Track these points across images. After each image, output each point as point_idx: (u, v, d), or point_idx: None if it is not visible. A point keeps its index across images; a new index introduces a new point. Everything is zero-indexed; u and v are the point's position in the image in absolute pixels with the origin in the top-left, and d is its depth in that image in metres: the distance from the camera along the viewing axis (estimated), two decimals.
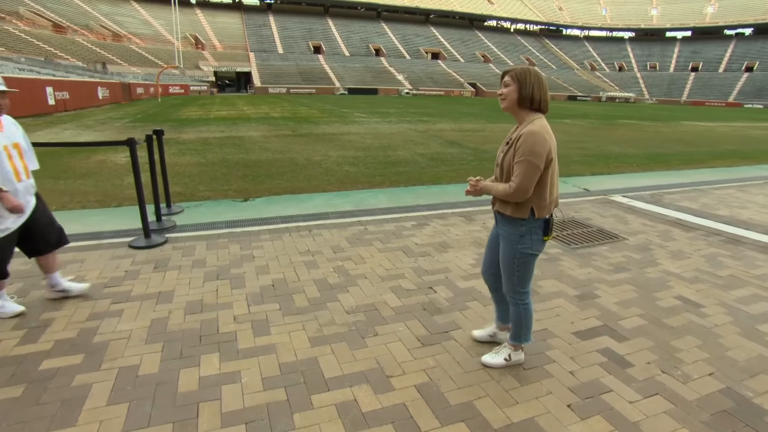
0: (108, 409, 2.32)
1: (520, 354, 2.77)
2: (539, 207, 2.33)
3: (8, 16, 50.01)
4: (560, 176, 8.67)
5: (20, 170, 3.10)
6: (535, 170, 2.24)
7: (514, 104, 2.36)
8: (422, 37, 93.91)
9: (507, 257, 2.50)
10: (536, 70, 2.36)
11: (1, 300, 3.22)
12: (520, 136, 2.27)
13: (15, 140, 3.10)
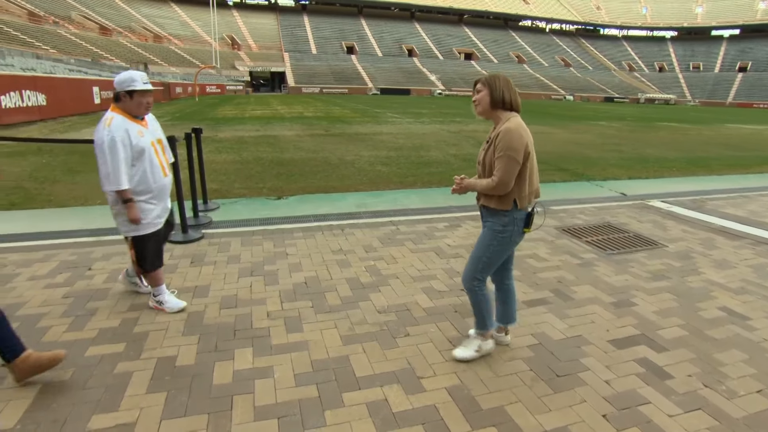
0: (147, 397, 2.40)
1: (489, 342, 2.83)
2: (521, 198, 2.50)
3: (61, 21, 52.46)
4: (595, 180, 8.46)
5: (165, 166, 3.18)
6: (514, 164, 2.41)
7: (488, 107, 2.52)
8: (455, 37, 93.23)
9: (484, 243, 2.64)
10: (504, 75, 2.55)
11: (166, 295, 3.30)
12: (499, 134, 2.43)
13: (158, 136, 3.18)
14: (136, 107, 2.98)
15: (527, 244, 4.79)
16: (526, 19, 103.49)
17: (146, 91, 2.96)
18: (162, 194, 3.16)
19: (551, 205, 6.38)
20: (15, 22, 43.65)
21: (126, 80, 2.93)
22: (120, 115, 2.95)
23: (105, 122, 2.90)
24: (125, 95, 2.94)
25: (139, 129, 3.00)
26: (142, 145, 2.97)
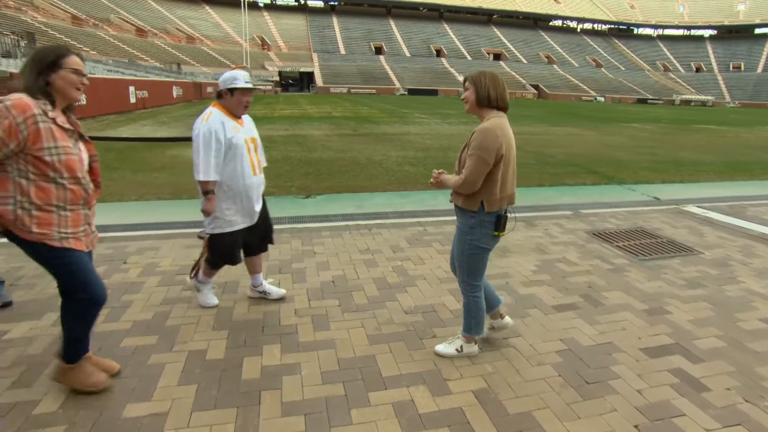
0: (179, 389, 2.46)
1: (473, 346, 2.80)
2: (489, 201, 2.45)
3: (101, 23, 54.39)
4: (626, 183, 8.24)
5: (255, 164, 3.16)
6: (483, 164, 2.36)
7: (474, 105, 2.51)
8: (484, 37, 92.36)
9: (459, 248, 2.65)
10: (492, 72, 2.51)
11: (206, 288, 3.35)
12: (475, 132, 2.41)
13: (252, 135, 3.18)
14: (236, 105, 2.99)
15: (557, 248, 4.70)
16: (557, 19, 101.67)
17: (247, 89, 2.97)
18: (248, 193, 3.11)
19: (581, 209, 6.26)
20: (59, 25, 45.51)
21: (229, 78, 2.95)
22: (219, 111, 2.98)
23: (204, 116, 2.94)
24: (227, 93, 2.96)
25: (235, 125, 3.01)
26: (236, 141, 2.97)
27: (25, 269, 3.89)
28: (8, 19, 38.16)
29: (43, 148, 2.05)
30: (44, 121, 2.04)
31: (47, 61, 2.08)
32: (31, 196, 2.07)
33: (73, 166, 2.16)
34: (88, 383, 2.41)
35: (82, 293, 2.27)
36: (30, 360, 2.67)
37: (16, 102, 1.97)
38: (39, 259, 2.21)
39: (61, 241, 2.16)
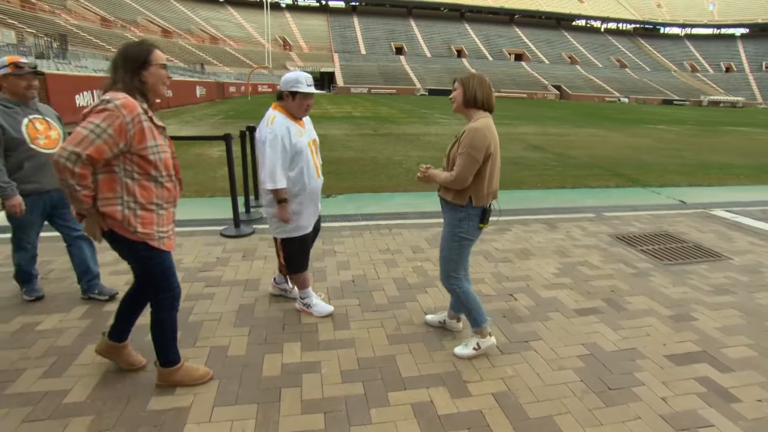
0: (201, 384, 2.49)
1: (489, 339, 2.82)
2: (477, 196, 2.57)
3: (128, 25, 55.69)
4: (651, 186, 8.07)
5: (319, 167, 3.13)
6: (473, 162, 2.48)
7: (461, 105, 2.61)
8: (506, 38, 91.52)
9: (446, 240, 2.74)
10: (480, 75, 2.60)
11: (314, 298, 3.29)
12: (464, 131, 2.52)
13: (313, 137, 3.12)
14: (297, 108, 2.93)
15: (579, 251, 4.63)
16: (580, 19, 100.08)
17: (309, 93, 2.92)
18: (314, 196, 3.10)
19: (604, 212, 6.14)
20: (89, 27, 46.75)
21: (291, 81, 2.88)
22: (282, 114, 2.92)
23: (268, 120, 2.89)
24: (288, 95, 2.90)
25: (298, 129, 2.95)
26: (301, 146, 2.92)
27: (55, 263, 4.01)
28: (43, 21, 39.39)
29: (147, 147, 2.09)
30: (146, 120, 2.09)
31: (140, 60, 2.11)
32: (137, 196, 2.13)
33: (168, 164, 2.22)
34: (196, 376, 2.50)
35: (168, 292, 2.36)
36: (60, 351, 2.75)
37: (124, 101, 2.01)
38: (135, 259, 2.26)
39: (159, 240, 2.22)
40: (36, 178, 3.03)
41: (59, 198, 3.18)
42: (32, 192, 3.04)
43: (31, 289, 3.38)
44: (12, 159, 2.95)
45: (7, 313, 3.14)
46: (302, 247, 3.17)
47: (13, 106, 2.95)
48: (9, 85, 2.94)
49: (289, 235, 3.09)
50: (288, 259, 3.17)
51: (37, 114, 3.06)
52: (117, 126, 1.98)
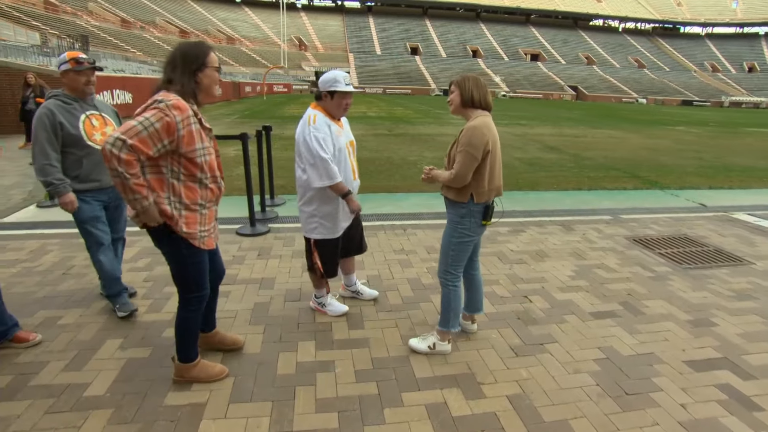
0: (217, 380, 2.51)
1: (447, 345, 2.84)
2: (478, 193, 2.60)
3: (147, 26, 56.58)
4: (670, 188, 7.93)
5: (355, 168, 3.09)
6: (472, 159, 2.51)
7: (459, 106, 2.64)
8: (522, 38, 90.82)
9: (447, 236, 2.77)
10: (475, 76, 2.65)
11: (329, 297, 3.29)
12: (463, 130, 2.56)
13: (351, 138, 3.09)
14: (335, 108, 2.90)
15: (595, 253, 4.57)
16: (598, 19, 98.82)
17: (347, 92, 2.88)
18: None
19: (621, 214, 6.06)
20: (110, 28, 47.61)
21: (329, 80, 2.85)
22: (321, 113, 2.90)
23: (308, 120, 2.85)
24: (326, 95, 2.87)
25: (338, 129, 2.94)
26: (340, 145, 2.91)
27: (76, 260, 4.09)
28: (65, 23, 40.23)
29: (195, 150, 2.13)
30: (195, 123, 2.13)
31: (199, 62, 2.15)
32: (182, 197, 2.18)
33: (213, 165, 2.26)
34: (212, 373, 2.53)
35: (199, 292, 2.40)
36: (81, 345, 2.81)
37: (175, 102, 2.05)
38: (174, 256, 2.29)
39: (201, 240, 2.27)
40: (95, 175, 3.00)
41: (114, 197, 3.16)
42: (93, 189, 3.02)
43: (123, 302, 3.20)
44: (71, 156, 2.92)
45: (30, 308, 3.21)
46: (335, 249, 3.13)
47: (71, 102, 2.93)
48: (68, 80, 2.91)
49: (323, 237, 3.04)
50: (323, 262, 3.11)
51: (94, 110, 3.03)
52: (165, 123, 2.02)
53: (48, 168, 2.81)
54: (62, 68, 2.89)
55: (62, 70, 2.90)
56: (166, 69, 2.16)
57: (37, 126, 2.81)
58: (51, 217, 5.40)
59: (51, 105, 2.85)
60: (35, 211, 5.72)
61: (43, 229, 4.89)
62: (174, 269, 2.34)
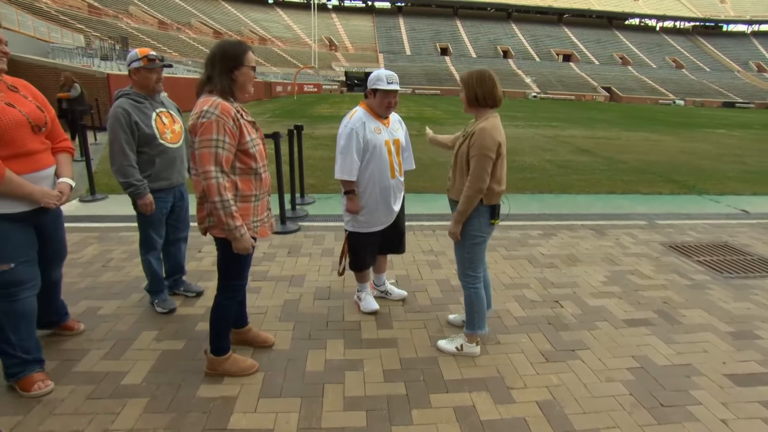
0: (247, 375, 2.56)
1: (475, 348, 2.81)
2: (487, 195, 2.60)
3: (183, 27, 58.17)
4: (709, 194, 7.65)
5: (396, 167, 3.07)
6: (488, 161, 2.52)
7: (466, 105, 2.64)
8: (554, 38, 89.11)
9: (459, 241, 2.74)
10: (481, 71, 2.58)
11: (365, 293, 3.34)
12: (474, 133, 2.55)
13: (396, 137, 3.09)
14: (379, 105, 2.95)
15: (628, 259, 4.45)
16: (634, 17, 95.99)
17: (390, 91, 2.91)
18: (385, 196, 3.05)
19: (656, 219, 5.87)
20: (148, 30, 49.17)
21: (373, 79, 2.92)
22: (364, 110, 2.99)
23: (349, 115, 2.98)
24: (371, 93, 2.94)
25: (377, 126, 2.98)
26: (375, 142, 2.93)
27: (114, 252, 4.24)
28: (107, 25, 41.75)
29: (247, 142, 2.23)
30: (240, 117, 2.22)
31: (237, 60, 2.22)
32: (238, 188, 2.27)
33: (263, 154, 2.36)
34: (243, 367, 2.58)
35: (238, 280, 2.47)
36: (119, 335, 2.91)
37: (221, 107, 2.12)
38: (221, 243, 2.35)
39: (254, 230, 2.34)
40: (166, 174, 3.02)
41: (180, 195, 3.23)
42: (163, 188, 3.03)
43: (163, 299, 3.26)
44: (144, 155, 2.91)
45: (74, 297, 3.34)
46: (366, 244, 3.17)
47: (142, 101, 2.91)
48: (140, 78, 2.89)
49: (354, 230, 3.13)
50: (350, 252, 3.21)
51: (162, 107, 3.04)
52: (228, 131, 2.13)
53: (129, 169, 2.81)
54: (133, 66, 2.86)
55: (133, 68, 2.87)
56: (207, 66, 2.24)
57: (114, 126, 2.78)
58: (91, 212, 5.62)
59: (125, 104, 2.82)
60: (78, 205, 5.96)
61: (84, 223, 5.09)
62: (220, 255, 2.41)
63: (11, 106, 2.16)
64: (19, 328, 2.32)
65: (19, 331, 2.32)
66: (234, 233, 2.19)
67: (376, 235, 3.16)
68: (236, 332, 2.79)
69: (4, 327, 2.29)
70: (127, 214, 4.44)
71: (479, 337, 2.84)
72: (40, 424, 2.16)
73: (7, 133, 2.11)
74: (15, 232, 2.24)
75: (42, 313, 2.54)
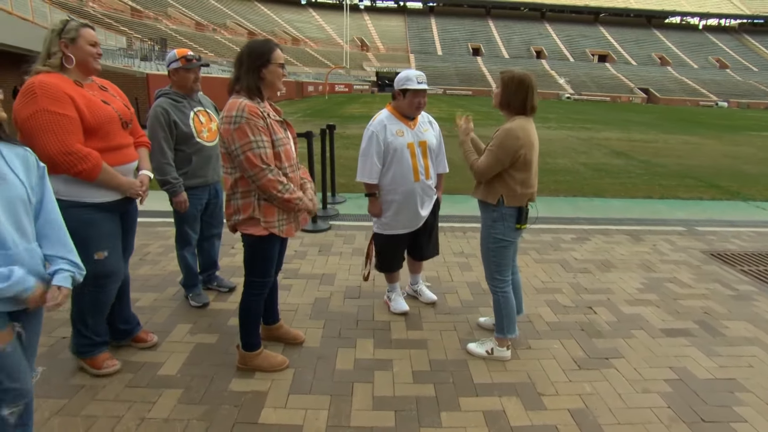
0: (278, 371, 2.59)
1: (505, 352, 2.76)
2: (508, 197, 2.55)
3: (218, 28, 59.63)
4: (755, 200, 7.32)
5: (421, 170, 2.99)
6: (497, 162, 2.49)
7: (498, 105, 2.60)
8: (590, 38, 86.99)
9: (483, 242, 2.74)
10: (521, 77, 2.50)
11: (395, 294, 3.31)
12: (499, 129, 2.53)
13: (423, 138, 3.01)
14: (408, 106, 2.90)
15: (666, 266, 4.29)
16: (674, 16, 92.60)
17: (420, 90, 2.86)
18: (408, 200, 2.99)
19: (696, 225, 5.64)
20: (186, 31, 50.64)
21: (402, 79, 2.87)
22: (388, 113, 2.98)
23: (374, 117, 3.00)
24: (399, 94, 2.89)
25: (400, 128, 2.94)
26: (396, 145, 2.90)
27: (151, 247, 4.37)
28: (147, 27, 43.22)
29: (273, 140, 2.26)
30: (267, 116, 2.26)
31: (264, 58, 2.25)
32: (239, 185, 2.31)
33: (290, 155, 2.38)
34: (274, 363, 2.62)
35: (264, 277, 2.52)
36: (155, 327, 2.99)
37: (249, 109, 2.17)
38: (247, 240, 2.41)
39: (280, 228, 2.38)
40: (202, 171, 3.08)
41: (215, 192, 3.30)
42: (199, 185, 3.10)
43: (197, 294, 3.34)
44: (182, 154, 2.97)
45: None
46: (391, 246, 3.16)
47: (181, 100, 2.97)
48: (179, 78, 2.95)
49: (379, 231, 3.14)
50: (376, 254, 3.23)
51: (199, 106, 3.09)
52: (261, 130, 2.18)
53: (166, 167, 2.88)
54: (172, 66, 2.94)
55: (172, 68, 2.95)
56: (235, 66, 2.28)
57: (153, 124, 2.86)
58: None
59: (164, 103, 2.90)
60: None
61: None
62: (246, 252, 2.46)
63: (106, 103, 2.31)
64: (97, 315, 2.47)
65: (96, 317, 2.48)
66: (301, 205, 2.33)
67: (402, 238, 3.14)
68: (267, 328, 2.83)
69: (85, 312, 2.44)
70: (164, 209, 4.57)
71: (510, 341, 2.79)
72: (83, 409, 2.25)
73: (102, 127, 2.25)
74: (106, 222, 2.35)
75: (110, 318, 2.62)
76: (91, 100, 2.22)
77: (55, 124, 2.08)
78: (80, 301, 2.42)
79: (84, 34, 2.21)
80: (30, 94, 2.06)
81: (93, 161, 2.17)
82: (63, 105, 2.10)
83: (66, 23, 2.20)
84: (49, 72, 2.15)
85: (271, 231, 2.34)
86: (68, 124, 2.11)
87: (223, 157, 2.28)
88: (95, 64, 2.28)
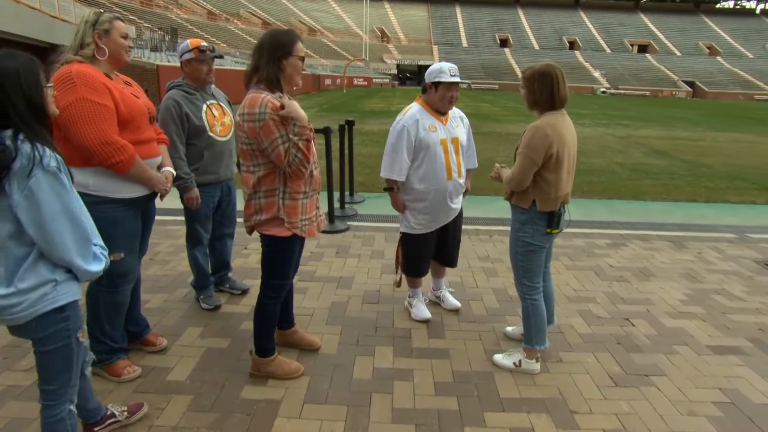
0: (292, 379, 2.61)
1: (535, 364, 2.73)
2: (541, 200, 2.54)
3: (232, 18, 60.54)
4: None
5: (453, 167, 3.03)
6: (531, 163, 2.47)
7: (527, 106, 2.62)
8: (629, 26, 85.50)
9: (512, 246, 2.73)
10: (543, 69, 2.48)
11: (416, 300, 3.33)
12: (526, 129, 2.53)
13: (455, 134, 3.06)
14: (439, 100, 2.92)
15: (713, 276, 4.19)
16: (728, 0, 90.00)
17: (452, 84, 2.87)
18: (440, 199, 3.02)
19: (748, 232, 5.49)
20: (197, 21, 51.52)
21: (434, 72, 2.87)
22: (419, 106, 2.99)
23: (403, 112, 3.01)
24: (431, 87, 2.90)
25: (432, 123, 2.96)
26: (428, 141, 2.92)
27: (161, 246, 4.46)
28: (158, 16, 44.10)
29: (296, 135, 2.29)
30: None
31: (285, 50, 2.29)
32: (289, 186, 2.36)
33: (312, 151, 2.41)
34: (288, 370, 2.65)
35: (281, 280, 2.55)
36: (165, 329, 3.05)
37: (271, 105, 2.21)
38: (267, 241, 2.45)
39: (302, 229, 2.43)
40: (214, 167, 3.11)
41: (228, 190, 3.35)
42: (211, 182, 3.13)
43: (208, 296, 3.39)
44: (194, 148, 3.01)
45: None
46: (420, 247, 3.17)
47: (194, 92, 3.01)
48: (191, 70, 3.00)
49: (407, 231, 3.16)
50: (404, 256, 3.23)
51: (212, 99, 3.13)
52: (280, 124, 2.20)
53: (178, 161, 2.88)
54: (185, 57, 2.98)
55: (185, 60, 2.99)
56: (254, 55, 2.30)
57: (165, 117, 2.90)
58: None
59: (176, 96, 2.95)
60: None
61: None
62: (265, 253, 2.49)
63: (136, 97, 2.40)
64: (113, 319, 2.53)
65: (112, 322, 2.53)
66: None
67: (431, 238, 3.15)
68: (282, 333, 2.86)
69: (101, 317, 2.49)
70: (175, 207, 4.66)
71: (539, 353, 2.77)
72: None
73: (135, 120, 2.34)
74: (128, 221, 2.42)
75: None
76: (123, 92, 2.31)
77: (95, 114, 2.16)
78: (95, 305, 2.48)
79: (117, 26, 2.30)
80: (69, 83, 2.13)
81: (129, 152, 2.25)
82: (101, 95, 2.18)
83: (99, 15, 2.28)
84: (81, 62, 2.22)
85: (293, 232, 2.37)
86: (107, 114, 2.19)
87: (244, 154, 2.31)
88: (126, 56, 2.37)
